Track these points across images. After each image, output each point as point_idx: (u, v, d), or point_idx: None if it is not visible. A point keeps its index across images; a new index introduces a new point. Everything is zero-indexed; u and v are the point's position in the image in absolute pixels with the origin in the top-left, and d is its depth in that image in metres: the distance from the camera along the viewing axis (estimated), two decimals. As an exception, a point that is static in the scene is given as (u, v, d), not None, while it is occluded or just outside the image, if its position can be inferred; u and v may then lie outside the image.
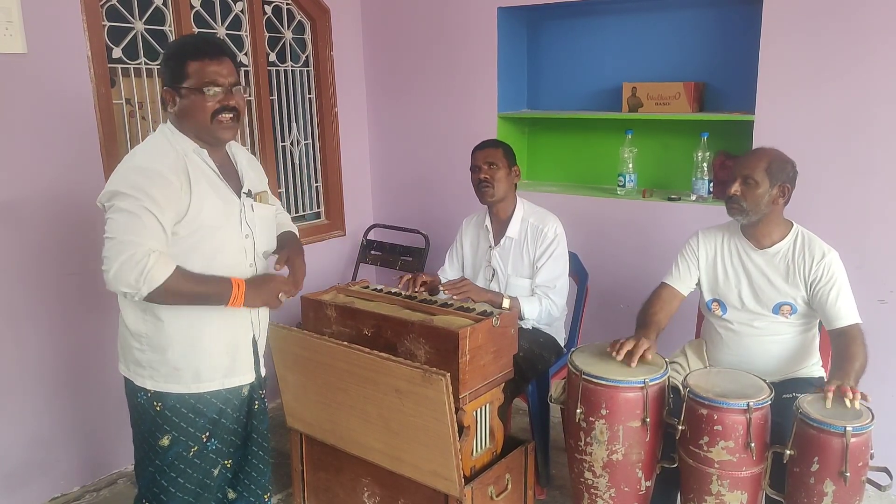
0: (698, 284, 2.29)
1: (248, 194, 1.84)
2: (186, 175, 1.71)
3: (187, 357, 1.79)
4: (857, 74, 2.46)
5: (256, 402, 1.98)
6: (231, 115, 1.74)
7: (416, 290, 2.44)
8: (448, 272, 2.82)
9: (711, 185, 2.90)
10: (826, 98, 2.53)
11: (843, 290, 2.05)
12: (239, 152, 1.92)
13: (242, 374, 1.88)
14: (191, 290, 1.69)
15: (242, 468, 2.00)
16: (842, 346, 1.97)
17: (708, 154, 2.89)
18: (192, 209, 1.70)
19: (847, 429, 1.67)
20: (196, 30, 2.95)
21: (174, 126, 1.77)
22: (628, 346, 2.01)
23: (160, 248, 1.64)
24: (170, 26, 2.87)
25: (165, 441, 1.81)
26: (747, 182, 2.05)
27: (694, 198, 2.93)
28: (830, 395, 1.77)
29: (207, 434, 1.85)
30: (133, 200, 1.62)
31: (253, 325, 1.90)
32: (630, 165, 3.08)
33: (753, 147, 2.64)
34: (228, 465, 1.94)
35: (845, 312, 2.03)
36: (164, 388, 1.79)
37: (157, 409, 1.80)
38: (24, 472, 2.59)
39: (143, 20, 2.80)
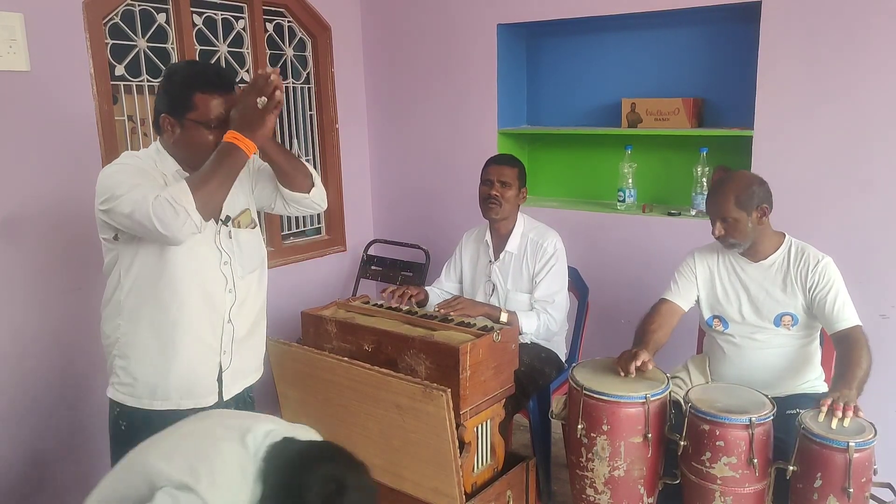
0: (697, 302, 2.30)
1: (226, 221, 1.81)
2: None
3: (146, 370, 1.77)
4: (855, 88, 2.48)
5: None
6: None
7: (404, 303, 2.44)
8: (444, 284, 2.82)
9: (711, 200, 2.91)
10: (825, 112, 2.54)
11: (842, 293, 2.07)
12: None
13: (199, 398, 1.82)
14: (211, 173, 1.61)
15: None
16: (845, 351, 1.98)
17: (707, 169, 2.90)
18: None
19: (850, 444, 1.67)
20: (198, 47, 2.98)
21: (164, 149, 1.75)
22: (631, 360, 2.01)
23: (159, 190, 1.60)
24: (172, 44, 2.90)
25: None
26: (726, 221, 2.10)
27: (694, 213, 2.93)
28: (825, 409, 1.77)
29: None
30: (128, 181, 1.62)
31: (223, 350, 1.84)
32: (630, 181, 3.09)
33: (752, 162, 2.67)
34: None
35: (846, 315, 2.04)
36: (122, 399, 1.79)
37: (122, 428, 1.79)
38: (22, 489, 2.57)
39: (146, 38, 2.82)
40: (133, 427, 1.78)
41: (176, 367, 1.77)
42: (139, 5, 2.78)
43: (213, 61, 3.05)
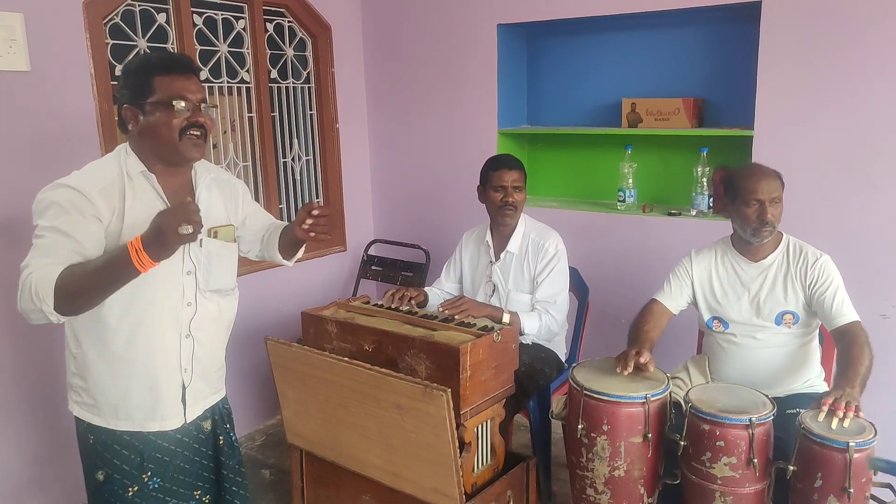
0: (695, 305, 2.30)
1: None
2: (122, 200, 1.62)
3: (106, 390, 1.71)
4: (856, 88, 2.48)
5: (221, 438, 1.90)
6: (199, 133, 1.65)
7: (404, 304, 2.43)
8: (444, 284, 2.81)
9: (711, 199, 2.91)
10: (825, 112, 2.54)
11: (840, 289, 2.09)
12: (204, 178, 1.79)
13: (163, 419, 1.74)
14: (89, 275, 1.49)
15: None
16: (846, 348, 1.98)
17: (707, 169, 2.91)
18: (123, 236, 1.59)
19: (850, 444, 1.66)
20: (198, 47, 2.98)
21: (131, 147, 1.67)
22: (633, 358, 2.00)
23: (47, 261, 1.50)
24: (172, 44, 2.90)
25: (100, 476, 1.73)
26: (774, 203, 2.10)
27: (694, 213, 2.94)
28: (825, 408, 1.77)
29: (149, 474, 1.74)
30: (52, 221, 1.55)
31: (183, 369, 1.75)
32: (630, 181, 3.09)
33: (753, 162, 2.66)
34: (206, 501, 1.87)
35: (845, 311, 2.06)
36: (88, 417, 1.73)
37: (90, 441, 1.74)
38: (24, 490, 2.58)
39: (146, 38, 2.82)
40: (101, 442, 1.73)
41: (135, 383, 1.70)
42: (139, 5, 2.78)
43: (213, 61, 3.05)
